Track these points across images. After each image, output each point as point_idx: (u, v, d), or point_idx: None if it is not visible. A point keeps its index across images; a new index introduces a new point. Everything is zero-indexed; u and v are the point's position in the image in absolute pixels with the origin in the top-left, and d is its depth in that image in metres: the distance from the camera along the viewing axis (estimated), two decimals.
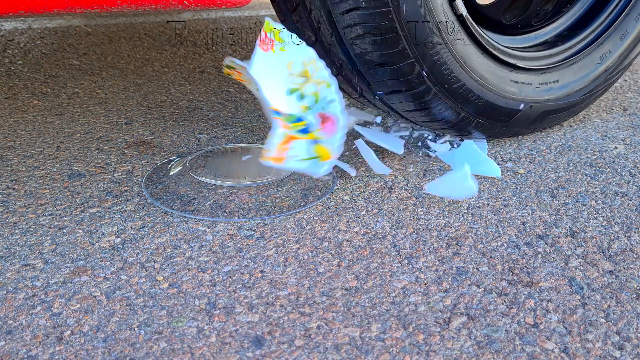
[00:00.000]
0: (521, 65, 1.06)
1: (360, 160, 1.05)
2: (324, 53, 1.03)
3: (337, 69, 1.03)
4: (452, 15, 0.95)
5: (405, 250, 0.77)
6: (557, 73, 1.12)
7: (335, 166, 0.95)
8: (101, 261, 0.73)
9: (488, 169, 0.98)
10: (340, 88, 1.11)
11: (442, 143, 1.09)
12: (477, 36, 0.99)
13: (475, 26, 1.00)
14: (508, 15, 1.14)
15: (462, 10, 0.96)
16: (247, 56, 1.84)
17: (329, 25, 0.95)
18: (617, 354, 0.60)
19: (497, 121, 1.07)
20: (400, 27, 0.90)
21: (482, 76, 1.01)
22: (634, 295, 0.69)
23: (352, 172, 0.95)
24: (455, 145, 1.10)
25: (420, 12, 0.91)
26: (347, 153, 1.07)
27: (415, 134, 1.15)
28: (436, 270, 0.73)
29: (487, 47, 1.01)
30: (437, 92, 0.98)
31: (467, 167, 0.89)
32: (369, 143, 1.04)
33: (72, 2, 0.72)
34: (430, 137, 1.12)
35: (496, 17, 1.11)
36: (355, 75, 1.01)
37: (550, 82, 1.11)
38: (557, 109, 1.13)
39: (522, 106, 1.07)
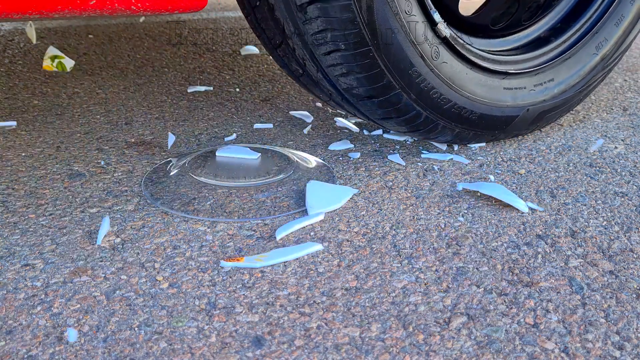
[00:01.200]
0: (513, 71, 1.04)
1: (358, 164, 1.05)
2: (313, 84, 1.03)
3: (327, 96, 1.03)
4: (435, 40, 0.93)
5: (405, 250, 0.77)
6: (552, 71, 1.10)
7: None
8: (101, 261, 0.73)
9: (515, 202, 0.88)
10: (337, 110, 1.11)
11: (444, 150, 1.09)
12: (465, 53, 0.97)
13: (462, 41, 0.98)
14: (497, 18, 1.11)
15: (446, 32, 0.93)
16: (246, 57, 1.84)
17: (313, 63, 0.95)
18: (617, 354, 0.60)
19: (494, 130, 1.07)
20: (383, 63, 0.89)
21: (473, 91, 0.99)
22: (634, 295, 0.69)
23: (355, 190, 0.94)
24: (455, 148, 1.10)
25: (402, 46, 0.89)
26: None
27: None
28: (436, 270, 0.73)
29: (475, 61, 0.99)
30: (429, 115, 0.98)
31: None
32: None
33: (6, 8, 0.67)
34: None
35: (484, 22, 1.09)
36: (345, 104, 1.01)
37: (545, 82, 1.09)
38: (554, 107, 1.11)
39: (520, 113, 1.06)
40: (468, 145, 1.11)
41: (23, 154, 1.05)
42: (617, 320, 0.65)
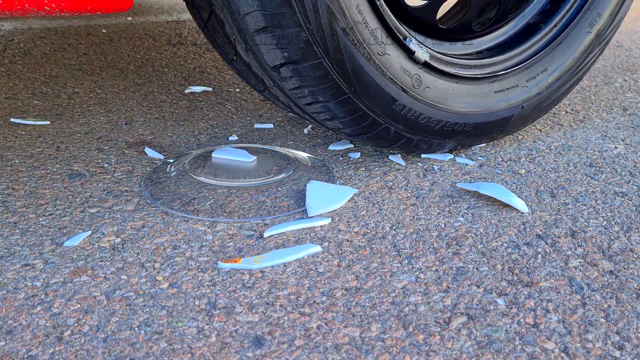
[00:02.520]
0: (502, 72, 1.01)
1: (358, 164, 1.05)
2: (304, 120, 1.02)
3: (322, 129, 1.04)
4: (415, 68, 0.91)
5: (405, 250, 0.77)
6: (544, 60, 1.05)
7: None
8: (101, 261, 0.73)
9: (514, 202, 0.88)
10: None
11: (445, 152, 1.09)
12: (448, 69, 0.95)
13: (445, 58, 0.95)
14: (481, 16, 1.06)
15: (425, 56, 0.91)
16: None
17: (298, 109, 0.96)
18: (617, 354, 0.60)
19: (491, 133, 1.06)
20: (364, 105, 0.89)
21: (463, 105, 0.97)
22: (634, 295, 0.69)
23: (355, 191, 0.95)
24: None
25: (381, 85, 0.88)
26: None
27: None
28: (436, 270, 0.73)
29: (461, 73, 0.96)
30: (421, 139, 0.98)
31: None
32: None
33: None
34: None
35: (467, 25, 1.03)
36: (339, 135, 1.01)
37: (538, 75, 1.04)
38: (550, 96, 1.08)
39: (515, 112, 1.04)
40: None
41: (23, 154, 1.05)
42: (617, 320, 0.65)
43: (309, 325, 0.63)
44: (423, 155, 1.06)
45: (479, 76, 0.99)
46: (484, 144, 1.12)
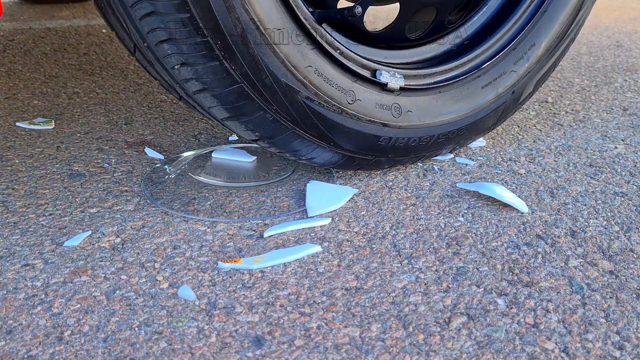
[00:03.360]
0: (487, 63, 0.97)
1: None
2: None
3: None
4: (391, 98, 0.89)
5: (405, 250, 0.77)
6: (531, 36, 0.99)
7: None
8: (101, 261, 0.73)
9: (514, 202, 0.88)
10: None
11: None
12: (427, 83, 0.93)
13: (422, 72, 0.93)
14: (458, 9, 1.01)
15: (399, 83, 0.89)
16: None
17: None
18: (617, 354, 0.60)
19: (487, 127, 1.04)
20: (349, 151, 0.89)
21: (451, 113, 0.95)
22: (634, 295, 0.69)
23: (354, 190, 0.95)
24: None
25: (361, 130, 0.88)
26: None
27: None
28: (436, 270, 0.73)
29: (441, 80, 0.94)
30: (415, 156, 0.98)
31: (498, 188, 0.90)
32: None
33: None
34: None
35: (439, 26, 0.99)
36: None
37: (525, 53, 0.99)
38: (540, 69, 1.03)
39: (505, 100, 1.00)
40: (468, 145, 1.11)
41: (23, 154, 1.05)
42: (617, 320, 0.65)
43: (309, 325, 0.63)
44: None
45: (462, 77, 0.96)
46: (484, 143, 1.12)
